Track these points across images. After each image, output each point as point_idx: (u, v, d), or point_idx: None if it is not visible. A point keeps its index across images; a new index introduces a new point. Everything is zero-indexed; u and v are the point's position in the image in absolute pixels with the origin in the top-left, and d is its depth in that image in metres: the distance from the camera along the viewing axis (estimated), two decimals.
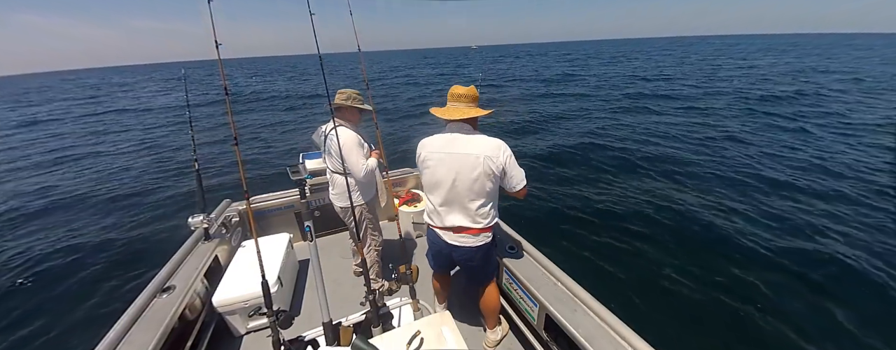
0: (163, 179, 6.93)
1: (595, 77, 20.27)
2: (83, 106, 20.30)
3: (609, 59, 39.50)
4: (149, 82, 39.42)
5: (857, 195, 4.99)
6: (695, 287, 3.37)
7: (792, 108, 10.44)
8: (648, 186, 5.49)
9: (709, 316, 3.08)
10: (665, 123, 9.26)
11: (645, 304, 3.19)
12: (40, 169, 7.92)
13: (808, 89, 13.51)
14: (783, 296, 3.25)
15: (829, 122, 8.83)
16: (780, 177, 5.60)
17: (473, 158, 1.59)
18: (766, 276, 3.48)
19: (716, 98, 12.58)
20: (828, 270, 3.52)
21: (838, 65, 23.77)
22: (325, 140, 2.16)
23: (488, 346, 2.11)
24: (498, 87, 17.48)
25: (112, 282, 3.91)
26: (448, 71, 35.45)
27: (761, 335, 2.88)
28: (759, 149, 6.93)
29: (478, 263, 1.86)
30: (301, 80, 27.00)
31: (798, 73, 19.27)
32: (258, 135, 10.09)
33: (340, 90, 2.20)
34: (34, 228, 5.17)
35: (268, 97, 16.71)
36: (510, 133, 8.81)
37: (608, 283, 3.44)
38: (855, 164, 6.02)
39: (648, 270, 3.65)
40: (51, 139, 11.18)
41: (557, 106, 12.45)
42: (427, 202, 1.83)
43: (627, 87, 15.20)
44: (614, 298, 1.85)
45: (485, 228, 1.73)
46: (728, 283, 3.42)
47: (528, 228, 2.39)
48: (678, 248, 3.97)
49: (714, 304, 3.17)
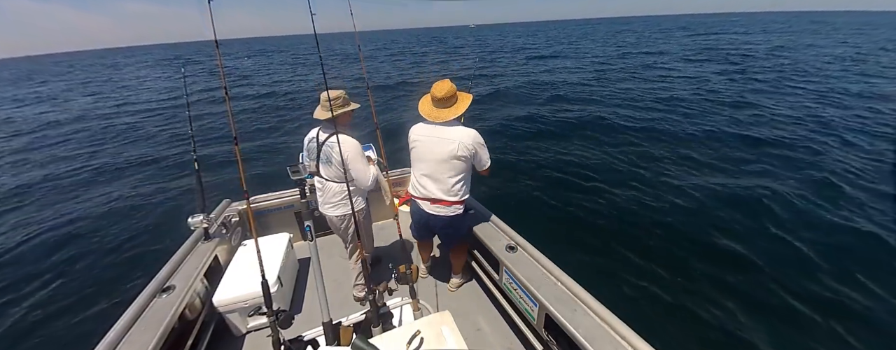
0: (162, 179, 6.93)
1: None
2: (79, 91, 19.99)
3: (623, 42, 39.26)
4: (144, 67, 39.07)
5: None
6: (696, 286, 3.38)
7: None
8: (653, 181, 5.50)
9: (710, 315, 3.08)
10: (667, 125, 9.25)
11: (646, 303, 3.20)
12: (39, 167, 7.93)
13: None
14: (785, 295, 3.25)
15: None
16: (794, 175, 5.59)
17: (450, 142, 1.99)
18: (767, 275, 3.49)
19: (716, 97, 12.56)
20: (833, 263, 3.53)
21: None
22: (321, 147, 2.08)
23: (451, 289, 2.61)
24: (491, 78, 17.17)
25: (112, 281, 3.91)
26: (444, 51, 35.02)
27: (763, 335, 2.88)
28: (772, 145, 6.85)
29: (451, 230, 2.28)
30: (300, 69, 26.88)
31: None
32: (258, 134, 10.09)
33: (325, 95, 2.01)
34: (32, 228, 5.17)
35: (267, 93, 16.69)
36: (514, 130, 8.81)
37: (608, 283, 3.44)
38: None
39: (649, 269, 3.65)
40: (43, 132, 11.15)
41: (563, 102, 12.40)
42: (412, 175, 2.22)
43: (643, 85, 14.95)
44: (614, 298, 1.86)
45: (457, 201, 2.12)
46: (733, 283, 3.42)
47: (529, 228, 2.39)
48: (678, 248, 3.98)
49: (714, 304, 3.18)
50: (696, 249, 3.92)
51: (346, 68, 24.45)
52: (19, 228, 5.17)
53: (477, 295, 2.56)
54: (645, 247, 4.02)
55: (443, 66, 23.57)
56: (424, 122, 2.11)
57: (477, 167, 2.15)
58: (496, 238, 2.25)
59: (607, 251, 3.99)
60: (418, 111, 2.11)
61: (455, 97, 2.06)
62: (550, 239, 4.08)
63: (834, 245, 3.89)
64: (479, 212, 2.55)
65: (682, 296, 3.29)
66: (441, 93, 2.01)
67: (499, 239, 2.24)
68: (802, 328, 2.95)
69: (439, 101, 2.03)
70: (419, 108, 2.12)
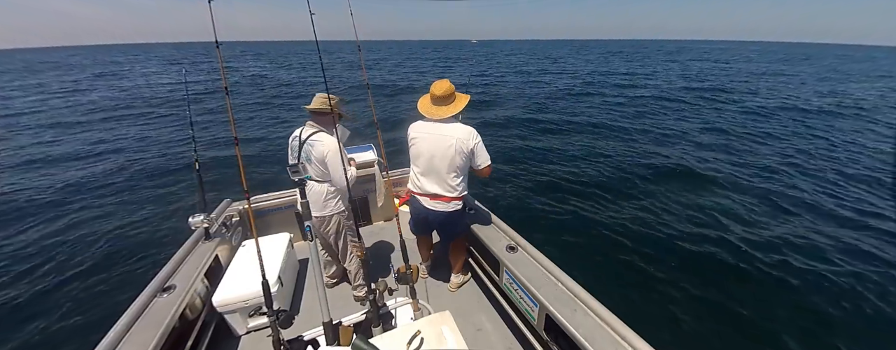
0: (163, 179, 6.93)
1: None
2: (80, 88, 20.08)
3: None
4: (146, 63, 39.06)
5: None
6: (696, 286, 3.38)
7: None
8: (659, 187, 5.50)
9: (708, 316, 3.08)
10: (669, 126, 9.26)
11: (645, 304, 3.19)
12: (38, 165, 7.93)
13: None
14: (787, 294, 3.25)
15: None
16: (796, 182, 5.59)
17: (449, 139, 2.02)
18: (770, 273, 3.48)
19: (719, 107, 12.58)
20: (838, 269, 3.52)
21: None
22: (303, 145, 2.06)
23: (451, 289, 2.58)
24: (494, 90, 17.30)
25: (112, 281, 3.91)
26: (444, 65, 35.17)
27: (763, 335, 2.88)
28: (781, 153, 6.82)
29: (449, 226, 2.29)
30: (303, 72, 26.90)
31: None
32: (258, 134, 10.09)
33: (321, 94, 2.06)
34: (32, 228, 5.17)
35: (269, 94, 16.72)
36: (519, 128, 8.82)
37: (608, 283, 3.44)
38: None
39: (651, 270, 3.65)
40: (42, 130, 11.15)
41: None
42: (412, 172, 2.24)
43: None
44: (614, 298, 1.86)
45: (456, 197, 2.15)
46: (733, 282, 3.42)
47: (529, 228, 2.39)
48: (679, 248, 3.98)
49: (714, 304, 3.17)
50: (696, 250, 3.92)
51: (346, 71, 24.45)
52: (17, 228, 5.17)
53: (477, 295, 2.56)
54: (645, 247, 4.02)
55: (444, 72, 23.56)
56: (423, 120, 2.15)
57: (474, 166, 2.15)
58: (496, 238, 2.25)
59: (608, 251, 3.99)
60: (418, 110, 2.16)
61: (453, 96, 2.10)
62: (550, 239, 4.12)
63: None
64: (480, 212, 2.55)
65: (683, 295, 3.29)
66: (440, 91, 2.06)
67: (499, 239, 2.24)
68: (803, 328, 2.95)
69: (438, 98, 2.08)
70: (419, 106, 2.16)
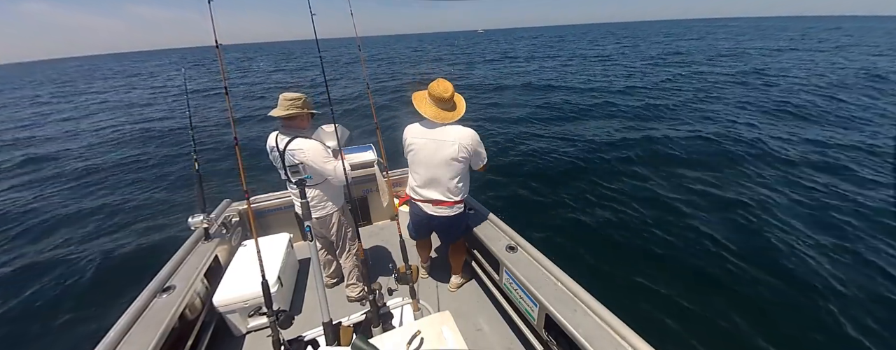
0: (162, 179, 6.93)
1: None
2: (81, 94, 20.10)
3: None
4: (151, 68, 39.17)
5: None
6: (696, 286, 3.38)
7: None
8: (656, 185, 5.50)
9: (709, 316, 3.08)
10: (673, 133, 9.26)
11: (646, 304, 3.19)
12: (35, 165, 7.94)
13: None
14: (787, 294, 3.25)
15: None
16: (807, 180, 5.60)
17: (450, 144, 1.93)
18: (770, 274, 3.48)
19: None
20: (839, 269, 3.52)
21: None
22: (284, 155, 1.95)
23: (451, 289, 2.57)
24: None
25: (112, 281, 3.91)
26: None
27: (764, 334, 2.88)
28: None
29: (452, 229, 2.27)
30: (302, 70, 26.97)
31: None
32: (258, 133, 10.08)
33: (286, 95, 1.91)
34: (32, 228, 5.17)
35: (269, 94, 16.73)
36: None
37: (608, 283, 3.44)
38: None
39: (651, 270, 3.65)
40: (43, 133, 11.16)
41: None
42: (411, 178, 2.17)
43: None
44: (614, 298, 1.86)
45: (458, 201, 2.11)
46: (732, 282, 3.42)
47: (529, 225, 2.39)
48: (678, 249, 3.98)
49: (715, 304, 3.17)
50: (695, 250, 3.92)
51: (350, 68, 24.44)
52: (16, 227, 5.18)
53: (477, 295, 2.56)
54: (645, 247, 4.02)
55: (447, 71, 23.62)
56: (422, 123, 2.03)
57: (474, 166, 2.13)
58: (496, 238, 2.25)
59: (608, 252, 3.99)
60: (419, 113, 2.00)
61: (454, 97, 2.02)
62: (550, 239, 4.12)
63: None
64: (479, 212, 2.55)
65: (682, 296, 3.29)
66: (447, 93, 1.94)
67: (499, 239, 2.24)
68: (802, 328, 2.95)
69: (445, 101, 1.96)
70: (420, 109, 1.99)
